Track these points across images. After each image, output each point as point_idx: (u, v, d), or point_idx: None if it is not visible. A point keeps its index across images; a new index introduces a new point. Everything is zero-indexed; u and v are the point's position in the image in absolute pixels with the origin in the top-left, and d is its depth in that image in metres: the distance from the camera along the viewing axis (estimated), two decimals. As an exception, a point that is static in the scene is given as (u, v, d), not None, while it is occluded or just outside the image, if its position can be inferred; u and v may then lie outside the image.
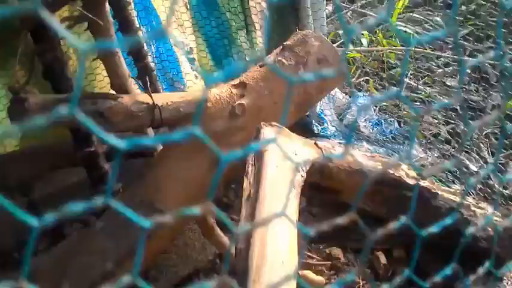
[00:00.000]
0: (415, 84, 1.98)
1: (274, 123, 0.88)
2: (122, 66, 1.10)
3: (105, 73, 1.14)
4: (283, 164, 0.75)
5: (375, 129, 1.66)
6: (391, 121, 1.71)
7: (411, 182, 1.04)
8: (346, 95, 1.77)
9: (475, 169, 1.45)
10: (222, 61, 1.77)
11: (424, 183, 1.06)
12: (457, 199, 1.06)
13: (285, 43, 1.11)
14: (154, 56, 1.79)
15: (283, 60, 1.09)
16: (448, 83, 1.98)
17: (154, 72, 1.54)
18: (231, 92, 1.07)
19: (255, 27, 1.70)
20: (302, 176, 0.77)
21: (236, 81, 1.09)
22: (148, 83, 1.13)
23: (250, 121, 1.02)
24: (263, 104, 1.05)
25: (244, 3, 1.67)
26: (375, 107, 1.78)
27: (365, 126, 1.66)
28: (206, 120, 1.02)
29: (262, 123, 0.88)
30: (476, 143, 1.60)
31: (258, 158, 0.78)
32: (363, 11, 2.59)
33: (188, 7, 1.68)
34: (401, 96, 0.42)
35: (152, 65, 1.66)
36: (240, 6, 1.67)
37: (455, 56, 1.99)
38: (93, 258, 0.92)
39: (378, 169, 1.03)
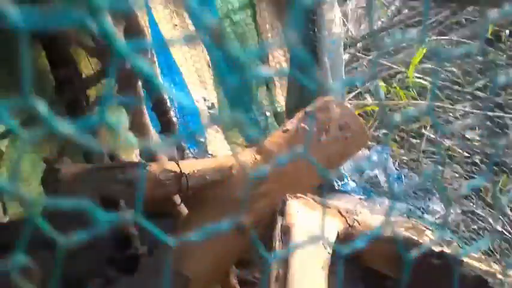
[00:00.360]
0: (433, 136, 1.99)
1: (299, 194, 0.90)
2: (151, 136, 1.14)
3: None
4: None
5: (396, 184, 1.67)
6: (411, 176, 1.71)
7: (436, 248, 1.04)
8: (365, 149, 1.79)
9: (500, 228, 1.44)
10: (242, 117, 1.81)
11: (448, 249, 1.06)
12: (483, 266, 1.05)
13: (306, 109, 1.14)
14: (176, 110, 1.84)
15: (306, 126, 1.12)
16: (468, 136, 1.99)
17: (177, 127, 1.59)
18: (255, 158, 1.09)
19: (275, 84, 1.75)
20: (329, 253, 0.78)
21: (259, 147, 1.11)
22: (176, 151, 1.16)
23: (274, 188, 1.04)
24: (286, 170, 1.07)
25: (264, 63, 1.72)
26: (394, 161, 1.79)
27: (385, 181, 1.67)
28: (230, 188, 1.04)
29: (287, 195, 0.90)
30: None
31: (284, 232, 0.80)
32: (379, 60, 2.64)
33: (210, 65, 1.74)
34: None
35: (175, 119, 1.71)
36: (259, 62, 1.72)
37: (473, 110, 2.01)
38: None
39: (402, 235, 1.03)
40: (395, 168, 1.73)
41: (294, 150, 1.08)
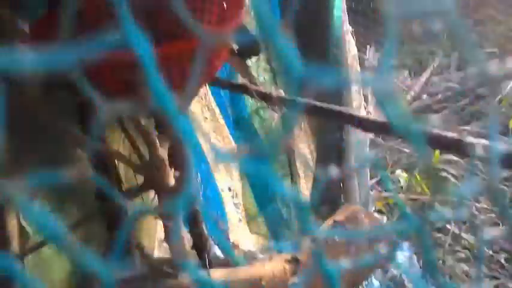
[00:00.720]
0: (457, 231, 1.98)
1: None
2: (183, 246, 1.15)
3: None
4: None
5: (420, 284, 1.64)
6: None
7: None
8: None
9: None
10: (266, 207, 1.83)
11: None
12: None
13: (335, 219, 1.16)
14: (201, 196, 1.87)
15: (335, 237, 1.13)
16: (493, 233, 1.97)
17: (201, 216, 1.61)
18: (284, 268, 1.10)
19: (299, 176, 1.78)
20: None
21: (289, 257, 1.12)
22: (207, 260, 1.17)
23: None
24: (316, 282, 1.07)
25: (290, 155, 1.76)
26: (418, 259, 1.77)
27: (409, 280, 1.64)
28: (260, 300, 1.04)
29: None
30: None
31: None
32: (399, 147, 2.67)
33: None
34: None
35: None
36: (285, 157, 1.77)
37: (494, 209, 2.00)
38: None
39: None
40: (420, 267, 1.71)
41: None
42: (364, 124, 0.92)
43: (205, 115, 1.70)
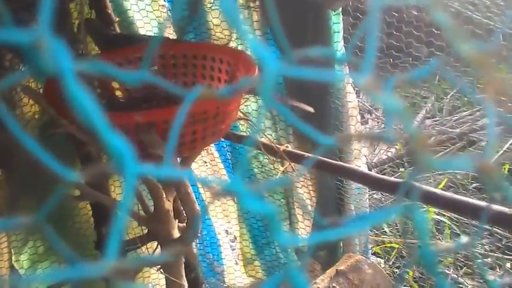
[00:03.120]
0: (455, 275, 1.97)
1: None
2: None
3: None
4: None
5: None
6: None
7: None
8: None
9: None
10: (263, 251, 1.81)
11: None
12: None
13: (338, 268, 1.15)
14: (197, 240, 1.85)
15: (338, 286, 1.12)
16: (488, 278, 1.96)
17: (197, 260, 1.59)
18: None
19: (297, 218, 1.77)
20: None
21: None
22: None
23: None
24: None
25: (288, 198, 1.76)
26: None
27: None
28: None
29: None
30: None
31: None
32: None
33: (235, 200, 1.78)
34: None
35: (195, 250, 1.72)
36: (283, 200, 1.76)
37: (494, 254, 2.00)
38: None
39: None
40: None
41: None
42: (364, 179, 0.94)
43: (204, 159, 1.71)
